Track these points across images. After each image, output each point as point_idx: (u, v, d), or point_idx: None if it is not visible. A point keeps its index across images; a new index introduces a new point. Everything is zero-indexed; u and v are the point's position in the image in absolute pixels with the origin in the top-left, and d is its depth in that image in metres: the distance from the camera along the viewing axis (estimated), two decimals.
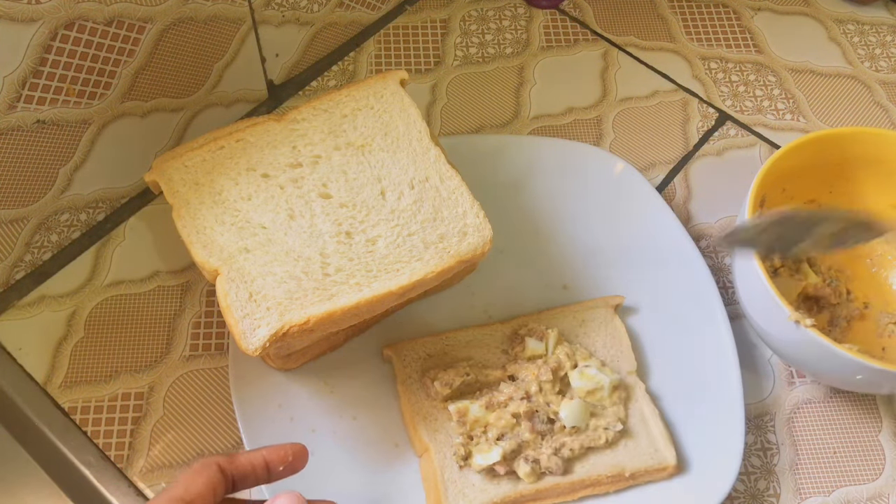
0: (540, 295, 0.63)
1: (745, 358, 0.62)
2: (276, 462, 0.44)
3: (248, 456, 0.44)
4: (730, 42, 0.80)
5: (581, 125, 0.74)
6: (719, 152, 0.73)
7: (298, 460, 0.45)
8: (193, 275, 0.64)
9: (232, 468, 0.42)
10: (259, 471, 0.44)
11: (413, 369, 0.57)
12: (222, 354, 0.61)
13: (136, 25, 0.57)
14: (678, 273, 0.63)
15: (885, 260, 0.65)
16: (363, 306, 0.50)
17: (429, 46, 0.78)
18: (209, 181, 0.54)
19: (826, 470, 0.59)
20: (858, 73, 0.78)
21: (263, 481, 0.44)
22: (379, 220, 0.54)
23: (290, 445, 0.45)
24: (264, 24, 0.67)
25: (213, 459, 0.42)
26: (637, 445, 0.56)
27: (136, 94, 0.60)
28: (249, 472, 0.43)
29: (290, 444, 0.45)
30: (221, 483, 0.42)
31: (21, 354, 0.60)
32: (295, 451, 0.45)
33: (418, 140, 0.57)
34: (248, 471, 0.43)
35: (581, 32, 0.80)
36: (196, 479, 0.41)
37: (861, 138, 0.61)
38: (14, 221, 0.59)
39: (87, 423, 0.58)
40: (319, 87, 0.75)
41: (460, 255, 0.53)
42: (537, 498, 0.54)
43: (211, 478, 0.41)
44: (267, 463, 0.44)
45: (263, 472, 0.44)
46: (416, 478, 0.56)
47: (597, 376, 0.56)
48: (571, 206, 0.66)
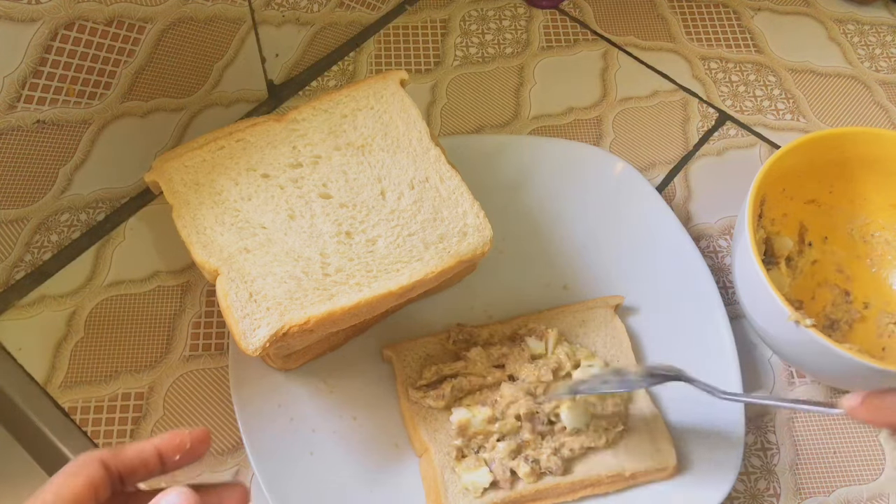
0: (540, 295, 0.63)
1: (745, 358, 0.62)
2: (170, 451, 0.40)
3: (135, 447, 0.39)
4: (730, 42, 0.80)
5: (581, 125, 0.74)
6: (719, 152, 0.73)
7: (197, 446, 0.40)
8: (193, 275, 0.64)
9: (117, 462, 0.38)
10: (151, 462, 0.39)
11: (413, 369, 0.57)
12: (222, 354, 0.61)
13: (136, 25, 0.57)
14: (678, 273, 0.63)
15: (885, 260, 0.65)
16: (363, 306, 0.50)
17: (429, 46, 0.78)
18: (209, 181, 0.54)
19: (826, 470, 0.59)
20: (858, 73, 0.78)
21: (158, 473, 0.40)
22: (379, 220, 0.54)
23: (189, 431, 0.40)
24: (264, 24, 0.67)
25: (96, 455, 0.38)
26: (637, 445, 0.56)
27: (136, 94, 0.60)
28: (138, 464, 0.39)
29: (189, 430, 0.40)
30: (104, 481, 0.37)
31: (21, 354, 0.60)
32: (193, 437, 0.40)
33: (418, 140, 0.57)
34: (136, 464, 0.39)
35: (581, 32, 0.80)
36: (71, 480, 0.37)
37: (861, 138, 0.61)
38: (14, 221, 0.59)
39: (87, 423, 0.58)
40: (319, 87, 0.75)
41: (460, 255, 0.53)
42: (537, 498, 0.54)
43: (91, 476, 0.37)
44: (160, 452, 0.39)
45: (156, 462, 0.39)
46: (416, 478, 0.56)
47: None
48: (571, 206, 0.66)
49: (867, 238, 0.65)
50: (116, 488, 0.39)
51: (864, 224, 0.65)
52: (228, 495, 0.40)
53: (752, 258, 0.54)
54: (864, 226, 0.65)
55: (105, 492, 0.38)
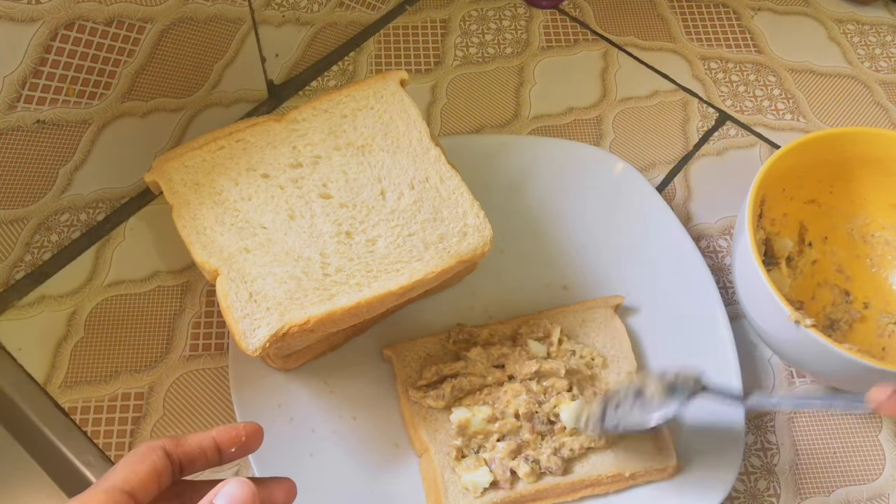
0: (540, 295, 0.63)
1: (745, 358, 0.62)
2: (227, 443, 0.41)
3: (196, 438, 0.41)
4: (730, 42, 0.80)
5: (581, 125, 0.74)
6: (719, 152, 0.73)
7: (252, 440, 0.42)
8: (193, 275, 0.64)
9: (179, 452, 0.40)
10: (209, 453, 0.41)
11: (413, 369, 0.57)
12: (222, 354, 0.61)
13: (136, 25, 0.57)
14: (678, 273, 0.63)
15: (885, 260, 0.65)
16: (363, 306, 0.50)
17: (429, 46, 0.78)
18: (209, 181, 0.54)
19: (826, 470, 0.59)
20: (858, 73, 0.78)
21: (215, 464, 0.41)
22: (379, 220, 0.54)
23: (244, 424, 0.42)
24: (264, 24, 0.67)
25: (159, 443, 0.39)
26: (637, 446, 0.56)
27: (136, 94, 0.60)
28: (198, 454, 0.40)
29: (244, 423, 0.42)
30: (167, 469, 0.39)
31: (21, 354, 0.60)
32: (248, 431, 0.42)
33: (418, 140, 0.57)
34: (196, 454, 0.40)
35: (581, 32, 0.80)
36: (137, 465, 0.38)
37: (861, 138, 0.61)
38: (14, 221, 0.59)
39: (87, 423, 0.58)
40: (319, 87, 0.75)
41: (460, 255, 0.53)
42: (537, 498, 0.54)
43: (155, 464, 0.38)
44: (217, 444, 0.41)
45: (214, 453, 0.41)
46: (416, 478, 0.56)
47: None
48: (571, 206, 0.66)
49: (867, 238, 0.65)
50: (176, 476, 0.40)
51: (864, 224, 0.65)
52: (278, 487, 0.42)
53: (752, 258, 0.54)
54: (864, 226, 0.65)
55: (167, 479, 0.39)
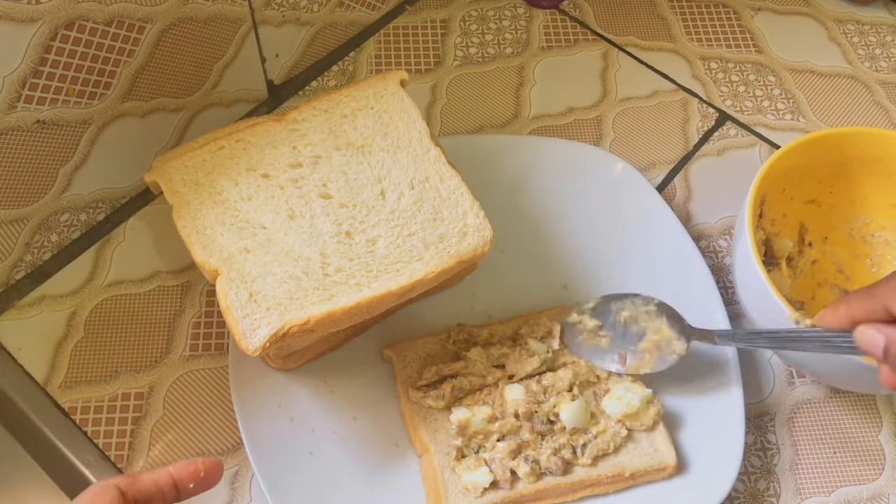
0: (540, 295, 0.63)
1: (745, 358, 0.62)
2: (185, 479, 0.41)
3: (152, 475, 0.41)
4: (730, 42, 0.80)
5: (581, 125, 0.74)
6: (719, 152, 0.73)
7: (211, 475, 0.42)
8: (193, 275, 0.64)
9: (133, 490, 0.40)
10: (167, 490, 0.41)
11: (413, 369, 0.57)
12: (222, 354, 0.61)
13: (136, 25, 0.57)
14: (678, 273, 0.63)
15: (885, 260, 0.65)
16: (363, 306, 0.50)
17: (429, 46, 0.78)
18: (209, 181, 0.54)
19: (826, 470, 0.59)
20: (858, 73, 0.78)
21: (173, 500, 0.41)
22: (379, 220, 0.54)
23: (203, 460, 0.42)
24: (264, 24, 0.67)
25: (112, 482, 0.39)
26: (637, 445, 0.56)
27: (136, 94, 0.60)
28: (154, 492, 0.40)
29: (203, 459, 0.42)
30: None
31: (21, 354, 0.60)
32: (207, 466, 0.42)
33: (418, 140, 0.57)
34: (152, 491, 0.40)
35: (581, 32, 0.80)
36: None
37: (861, 138, 0.61)
38: (14, 221, 0.59)
39: (87, 423, 0.58)
40: (319, 87, 0.75)
41: (460, 255, 0.53)
42: (537, 498, 0.54)
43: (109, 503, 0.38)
44: (175, 481, 0.41)
45: (171, 490, 0.41)
46: (416, 478, 0.56)
47: (627, 397, 0.56)
48: (571, 206, 0.66)
49: (867, 238, 0.65)
50: None
51: (864, 224, 0.65)
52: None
53: (752, 258, 0.54)
54: (864, 226, 0.65)
55: None
